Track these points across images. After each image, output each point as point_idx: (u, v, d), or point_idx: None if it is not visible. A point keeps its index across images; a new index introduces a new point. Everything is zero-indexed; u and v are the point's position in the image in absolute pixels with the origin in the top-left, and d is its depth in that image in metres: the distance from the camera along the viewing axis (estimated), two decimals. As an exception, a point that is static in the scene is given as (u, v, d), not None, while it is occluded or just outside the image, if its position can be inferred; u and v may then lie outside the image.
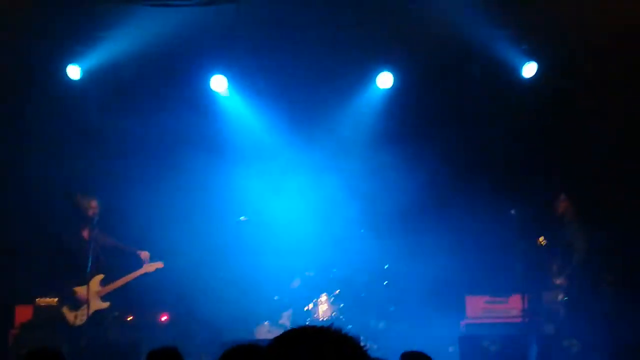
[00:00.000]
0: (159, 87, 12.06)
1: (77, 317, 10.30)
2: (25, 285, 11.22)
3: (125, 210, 10.91)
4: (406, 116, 12.50)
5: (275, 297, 11.74)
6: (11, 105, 11.63)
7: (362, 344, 2.19)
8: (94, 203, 10.69)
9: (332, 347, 2.14)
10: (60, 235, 10.61)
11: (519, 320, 10.56)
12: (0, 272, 11.33)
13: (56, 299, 10.77)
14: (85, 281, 10.10)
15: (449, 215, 11.59)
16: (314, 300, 11.39)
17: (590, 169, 11.86)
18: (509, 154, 12.28)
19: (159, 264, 10.77)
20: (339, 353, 2.14)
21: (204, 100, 12.40)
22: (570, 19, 10.73)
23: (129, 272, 10.80)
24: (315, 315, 11.26)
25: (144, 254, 10.84)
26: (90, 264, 10.04)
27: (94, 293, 10.30)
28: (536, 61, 11.64)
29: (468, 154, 12.36)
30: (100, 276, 10.46)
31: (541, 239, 10.80)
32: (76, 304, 10.35)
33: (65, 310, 10.43)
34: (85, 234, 10.62)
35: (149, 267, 10.76)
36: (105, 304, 10.44)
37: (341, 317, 11.21)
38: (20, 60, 11.32)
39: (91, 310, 10.25)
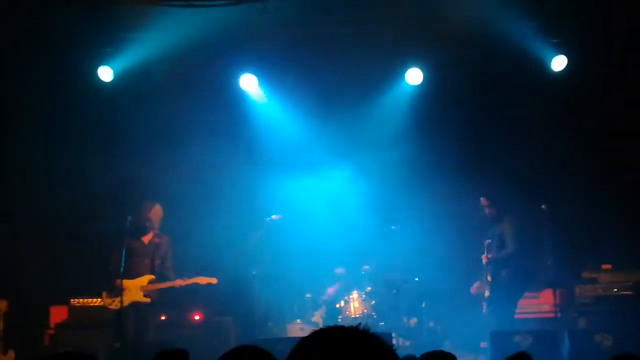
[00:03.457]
0: (189, 87, 12.13)
1: (113, 302, 10.23)
2: (61, 285, 11.38)
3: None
4: (435, 112, 12.45)
5: (308, 295, 11.77)
6: (45, 109, 11.74)
7: (391, 342, 2.17)
8: (158, 208, 10.61)
9: (355, 351, 2.14)
10: (123, 240, 10.10)
11: (551, 315, 10.53)
12: (36, 272, 11.44)
13: (90, 300, 10.87)
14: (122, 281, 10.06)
15: (479, 212, 11.50)
16: (345, 298, 11.40)
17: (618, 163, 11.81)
18: (539, 148, 12.20)
19: (213, 280, 10.39)
20: (362, 355, 2.15)
21: (234, 99, 12.45)
22: (600, 12, 10.66)
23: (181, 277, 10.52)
24: (347, 313, 11.26)
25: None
26: (123, 264, 9.98)
27: (137, 287, 10.26)
28: (565, 54, 11.53)
29: (498, 148, 12.30)
30: (150, 277, 10.39)
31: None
32: (115, 293, 10.19)
33: (104, 295, 10.39)
34: (146, 239, 10.53)
35: (202, 280, 10.37)
36: (146, 299, 10.31)
37: (373, 314, 11.22)
38: (52, 64, 11.44)
39: (129, 301, 10.13)
